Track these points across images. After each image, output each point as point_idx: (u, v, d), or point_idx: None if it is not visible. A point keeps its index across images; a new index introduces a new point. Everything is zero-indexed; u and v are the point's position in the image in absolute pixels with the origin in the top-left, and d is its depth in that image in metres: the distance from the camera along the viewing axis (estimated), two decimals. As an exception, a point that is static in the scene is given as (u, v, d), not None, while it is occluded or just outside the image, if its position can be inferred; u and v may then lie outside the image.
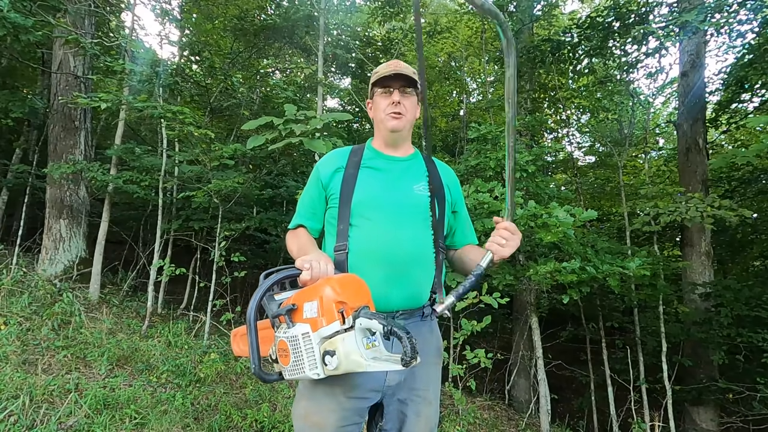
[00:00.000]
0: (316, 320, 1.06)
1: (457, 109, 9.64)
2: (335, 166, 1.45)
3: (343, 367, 1.01)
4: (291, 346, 1.06)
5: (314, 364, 1.04)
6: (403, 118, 1.44)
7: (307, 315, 1.08)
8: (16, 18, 3.82)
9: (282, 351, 1.08)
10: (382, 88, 1.44)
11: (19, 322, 3.75)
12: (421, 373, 1.38)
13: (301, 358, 1.05)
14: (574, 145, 9.12)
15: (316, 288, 1.11)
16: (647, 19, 5.06)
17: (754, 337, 4.25)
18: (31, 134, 6.88)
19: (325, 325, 1.05)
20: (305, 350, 1.05)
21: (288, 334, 1.07)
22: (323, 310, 1.06)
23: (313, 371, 1.04)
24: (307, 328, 1.06)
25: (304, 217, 1.49)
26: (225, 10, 6.99)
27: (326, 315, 1.05)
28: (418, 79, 1.43)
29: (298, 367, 1.06)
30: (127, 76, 4.76)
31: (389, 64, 1.45)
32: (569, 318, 6.43)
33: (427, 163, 1.53)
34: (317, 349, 1.04)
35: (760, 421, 4.66)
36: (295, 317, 1.10)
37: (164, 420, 2.84)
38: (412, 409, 1.37)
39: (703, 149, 5.47)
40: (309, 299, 1.09)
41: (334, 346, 1.02)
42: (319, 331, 1.05)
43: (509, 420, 4.63)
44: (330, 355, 1.02)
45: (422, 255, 1.39)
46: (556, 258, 3.80)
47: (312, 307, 1.08)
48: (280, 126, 3.10)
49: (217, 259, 4.50)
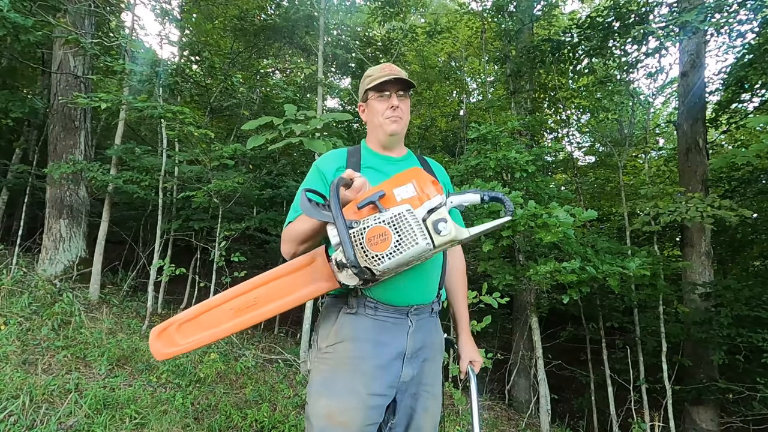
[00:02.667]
0: (416, 197, 1.13)
1: (457, 109, 9.64)
2: (336, 165, 1.45)
3: (453, 234, 1.08)
4: (393, 226, 1.08)
5: (424, 234, 1.08)
6: (401, 121, 1.46)
7: (402, 197, 1.14)
8: (16, 18, 3.81)
9: (377, 237, 1.08)
10: (379, 92, 1.45)
11: (19, 322, 3.75)
12: (429, 369, 1.42)
13: (411, 231, 1.07)
14: (574, 145, 9.14)
15: (397, 178, 1.19)
16: (647, 19, 5.06)
17: (754, 337, 4.25)
18: (31, 134, 6.88)
19: (429, 199, 1.12)
20: (414, 223, 1.08)
21: (385, 217, 1.09)
22: (423, 188, 1.14)
23: (425, 241, 1.07)
24: (407, 207, 1.10)
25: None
26: (225, 10, 6.99)
27: (427, 191, 1.13)
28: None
29: (407, 243, 1.06)
30: (127, 76, 4.76)
31: (383, 67, 1.46)
32: (569, 318, 6.43)
33: (422, 163, 1.56)
34: (422, 223, 1.09)
35: (760, 421, 4.66)
36: (386, 203, 1.14)
37: (164, 420, 2.84)
38: (420, 403, 1.39)
39: (703, 149, 5.46)
40: (399, 185, 1.17)
41: (443, 215, 1.09)
42: (424, 205, 1.11)
43: (509, 420, 4.63)
44: (443, 221, 1.08)
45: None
46: (556, 258, 3.80)
47: (408, 189, 1.15)
48: (280, 126, 3.10)
49: (217, 259, 4.50)
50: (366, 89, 1.47)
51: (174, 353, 1.19)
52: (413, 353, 1.36)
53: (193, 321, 1.21)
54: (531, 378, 5.51)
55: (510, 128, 4.51)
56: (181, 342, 1.19)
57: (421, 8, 7.54)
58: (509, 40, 6.57)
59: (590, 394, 5.31)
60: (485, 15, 6.81)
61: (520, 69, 6.22)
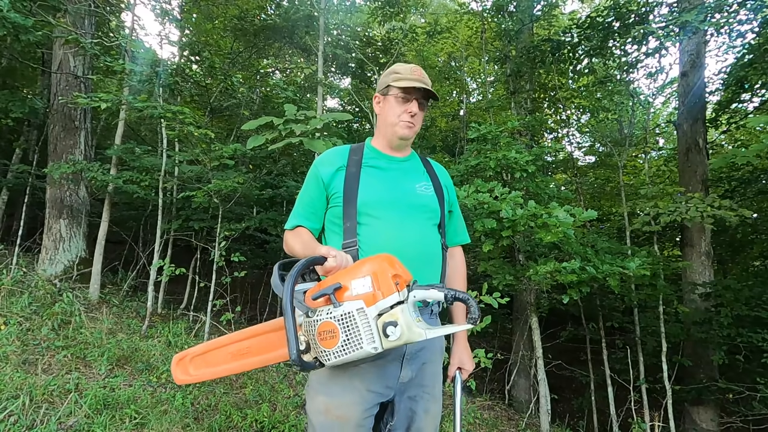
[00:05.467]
0: (371, 294, 1.06)
1: (457, 109, 9.64)
2: (336, 165, 1.44)
3: (405, 337, 1.04)
4: (341, 324, 1.04)
5: (371, 338, 1.04)
6: (414, 128, 1.47)
7: (357, 292, 1.07)
8: (16, 18, 3.81)
9: (326, 333, 1.06)
10: (403, 94, 1.43)
11: (19, 322, 3.75)
12: (429, 371, 1.42)
13: (357, 333, 1.03)
14: (574, 145, 9.14)
15: (360, 266, 1.11)
16: (647, 19, 5.07)
17: (754, 337, 4.25)
18: (31, 134, 6.88)
19: (383, 298, 1.05)
20: (361, 325, 1.04)
21: (336, 313, 1.05)
22: (380, 284, 1.06)
23: (371, 345, 1.03)
24: (360, 304, 1.05)
25: (303, 217, 1.47)
26: (225, 10, 6.99)
27: (383, 288, 1.06)
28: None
29: (352, 345, 1.04)
30: (127, 76, 4.75)
31: (413, 69, 1.44)
32: (569, 318, 6.43)
33: (425, 164, 1.57)
34: (373, 323, 1.04)
35: (760, 421, 4.66)
36: (341, 296, 1.08)
37: (164, 420, 2.84)
38: (421, 405, 1.39)
39: (703, 149, 5.46)
40: (357, 276, 1.09)
41: (395, 317, 1.04)
42: (376, 305, 1.05)
43: (509, 420, 4.63)
44: (393, 326, 1.03)
45: (431, 252, 1.43)
46: (556, 258, 3.80)
47: (364, 283, 1.07)
48: (280, 126, 3.10)
49: (217, 259, 4.50)
50: (390, 84, 1.44)
51: (187, 381, 1.30)
52: (412, 354, 1.36)
53: (202, 356, 1.29)
54: (531, 378, 5.50)
55: (510, 128, 4.52)
56: (193, 373, 1.29)
57: (421, 8, 7.54)
58: (509, 40, 6.57)
59: (590, 394, 5.31)
60: (485, 15, 6.81)
61: (520, 69, 6.22)
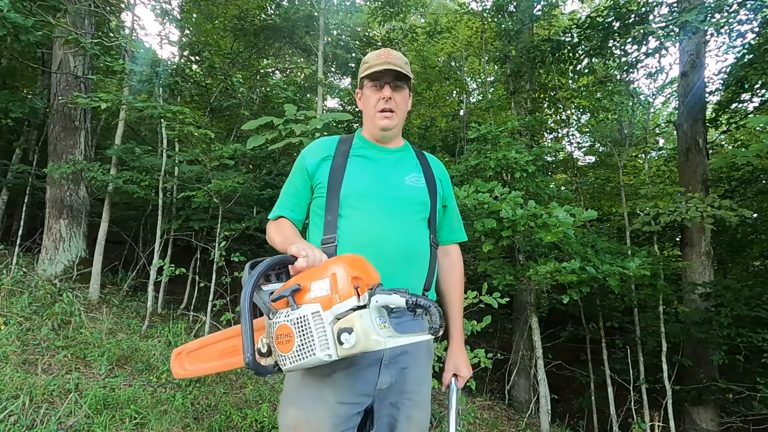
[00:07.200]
0: (328, 297, 0.99)
1: (457, 109, 9.64)
2: (322, 154, 1.38)
3: (361, 346, 0.95)
4: (297, 328, 0.98)
5: (326, 344, 0.97)
6: (395, 116, 1.37)
7: (315, 294, 1.01)
8: (16, 18, 3.81)
9: (282, 337, 1.00)
10: (372, 81, 1.36)
11: (19, 322, 3.75)
12: (412, 375, 1.33)
13: (311, 339, 0.97)
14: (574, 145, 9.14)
15: (323, 267, 1.05)
16: (647, 19, 5.07)
17: (754, 337, 4.25)
18: (31, 134, 6.88)
19: (339, 301, 0.98)
20: (315, 330, 0.97)
21: (292, 316, 0.99)
22: (337, 287, 0.99)
23: (324, 352, 0.96)
24: (317, 307, 0.98)
25: (287, 208, 1.41)
26: (225, 10, 6.98)
27: (341, 291, 0.99)
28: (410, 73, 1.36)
29: (305, 351, 0.97)
30: (127, 76, 4.75)
31: (380, 53, 1.36)
32: (569, 318, 6.42)
33: (419, 156, 1.48)
34: (329, 328, 0.97)
35: (760, 421, 4.66)
36: (300, 299, 1.02)
37: (164, 420, 2.84)
38: (403, 413, 1.31)
39: (703, 149, 5.47)
40: (317, 278, 1.02)
41: (351, 323, 0.96)
42: (332, 309, 0.98)
43: (509, 420, 4.63)
44: (347, 332, 0.95)
45: (416, 249, 1.34)
46: (556, 258, 3.80)
47: (323, 285, 1.01)
48: (280, 126, 3.11)
49: (217, 259, 4.50)
50: (361, 77, 1.39)
51: (183, 376, 1.28)
52: (391, 359, 1.27)
53: (195, 352, 1.27)
54: (531, 378, 5.50)
55: (510, 128, 4.51)
56: (188, 368, 1.28)
57: (421, 8, 7.54)
58: (509, 40, 6.57)
59: (590, 394, 5.31)
60: (485, 15, 6.81)
61: (520, 69, 6.22)
